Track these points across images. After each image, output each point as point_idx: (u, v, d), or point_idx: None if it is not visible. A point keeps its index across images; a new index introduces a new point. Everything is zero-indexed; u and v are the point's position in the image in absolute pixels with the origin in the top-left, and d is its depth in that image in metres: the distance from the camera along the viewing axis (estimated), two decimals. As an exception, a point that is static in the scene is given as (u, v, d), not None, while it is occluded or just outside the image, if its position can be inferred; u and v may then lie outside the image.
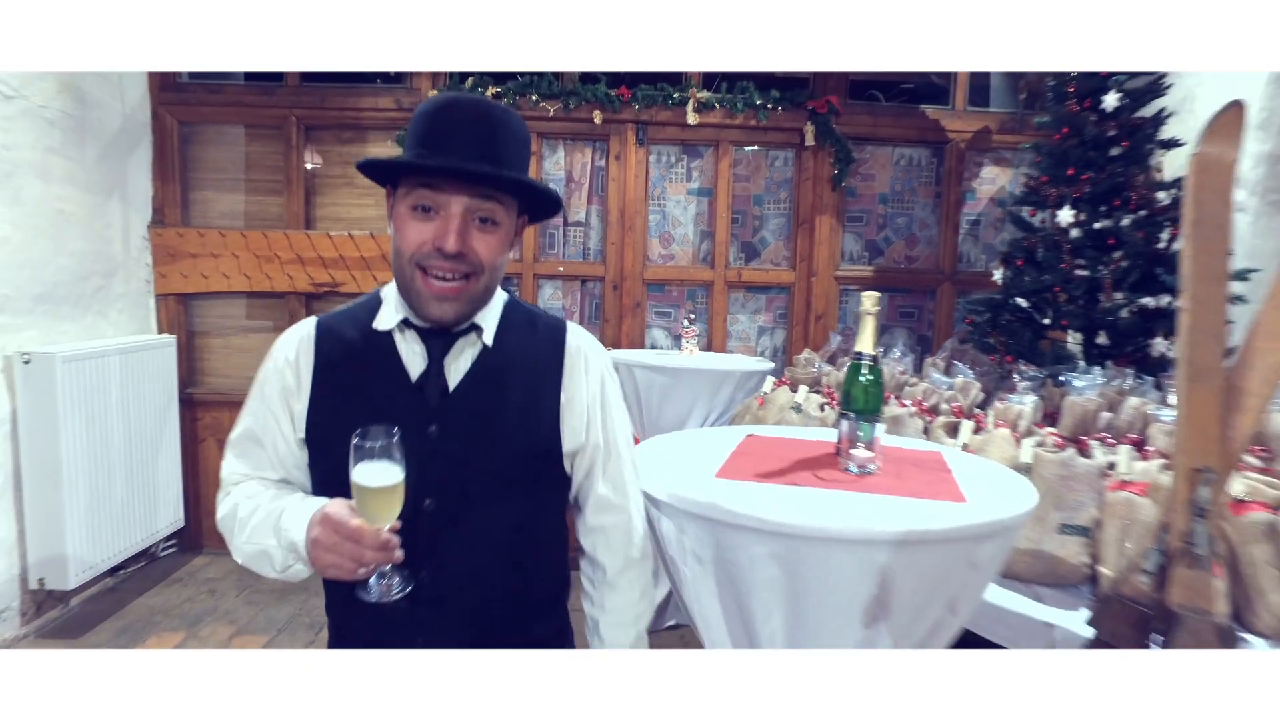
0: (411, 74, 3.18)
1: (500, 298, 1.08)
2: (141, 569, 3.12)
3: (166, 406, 3.08)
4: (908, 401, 1.99)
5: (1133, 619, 1.26)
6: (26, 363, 2.47)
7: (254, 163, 3.21)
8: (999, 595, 1.51)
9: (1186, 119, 2.76)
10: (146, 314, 3.16)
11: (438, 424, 1.00)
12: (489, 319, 1.05)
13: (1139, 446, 1.65)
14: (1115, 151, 2.23)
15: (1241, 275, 2.15)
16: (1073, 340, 2.22)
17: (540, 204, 1.06)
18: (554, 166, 3.33)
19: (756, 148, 3.34)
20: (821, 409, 2.11)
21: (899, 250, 3.42)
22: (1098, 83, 2.24)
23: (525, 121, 1.03)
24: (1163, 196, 2.28)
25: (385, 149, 3.19)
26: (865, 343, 1.29)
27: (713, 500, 1.05)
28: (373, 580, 0.91)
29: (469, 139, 0.94)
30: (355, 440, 0.86)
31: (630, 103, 3.16)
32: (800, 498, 1.10)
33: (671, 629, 2.71)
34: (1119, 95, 2.20)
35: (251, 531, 0.99)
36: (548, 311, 1.16)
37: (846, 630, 1.02)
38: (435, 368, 1.01)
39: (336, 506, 0.90)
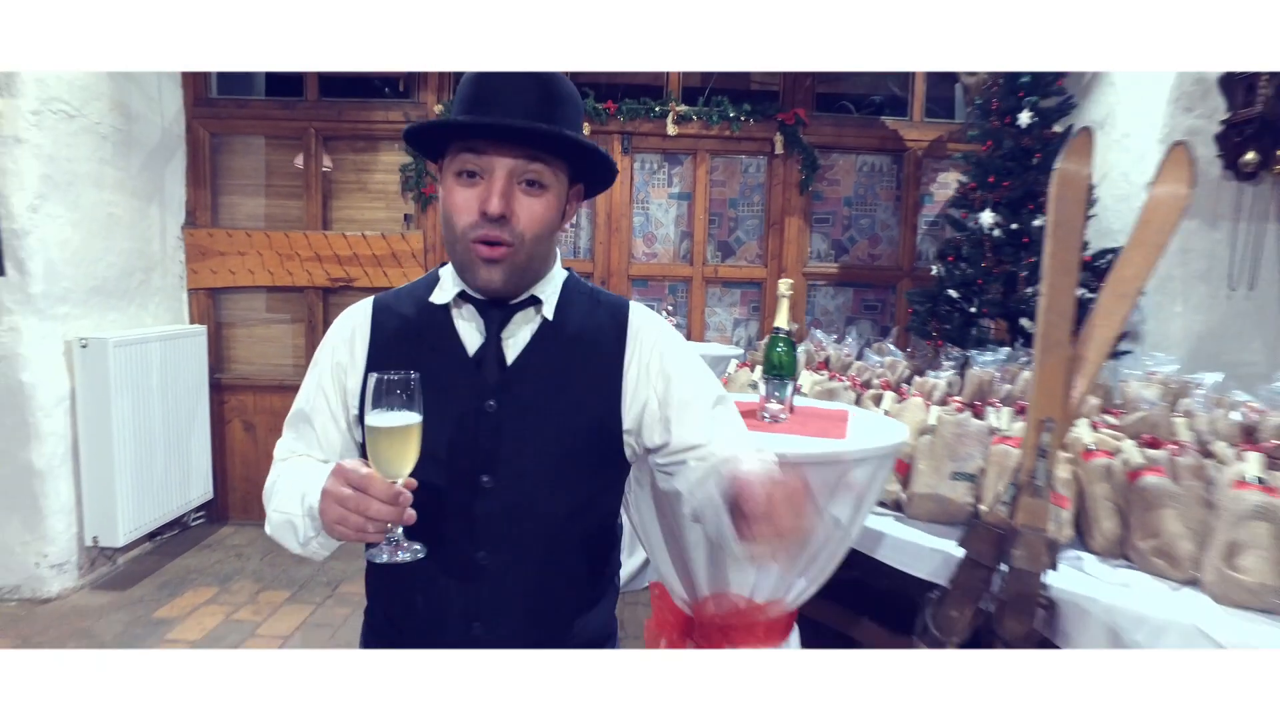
0: (418, 88, 3.52)
1: (560, 274, 1.05)
2: (175, 535, 3.47)
3: (198, 390, 3.43)
4: (844, 378, 2.33)
5: (992, 539, 1.59)
6: (84, 347, 2.82)
7: (276, 169, 3.56)
8: (903, 531, 1.84)
9: (1110, 132, 3.09)
10: (180, 306, 3.51)
11: (495, 399, 0.97)
12: (548, 292, 1.02)
13: (1022, 410, 1.98)
14: (1033, 161, 2.56)
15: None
16: (996, 327, 2.55)
17: (593, 169, 1.01)
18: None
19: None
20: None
21: (862, 249, 3.75)
22: (1014, 101, 2.57)
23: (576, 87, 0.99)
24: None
25: (395, 155, 3.53)
26: (781, 320, 1.62)
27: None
28: (382, 544, 0.85)
29: (514, 98, 0.91)
30: (372, 380, 0.82)
31: (616, 115, 3.49)
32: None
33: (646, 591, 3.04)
34: (1031, 114, 2.53)
35: (280, 500, 0.96)
36: (606, 291, 1.12)
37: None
38: (493, 341, 0.98)
39: (350, 461, 0.84)
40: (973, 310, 2.58)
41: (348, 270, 3.51)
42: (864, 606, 2.07)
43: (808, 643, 1.81)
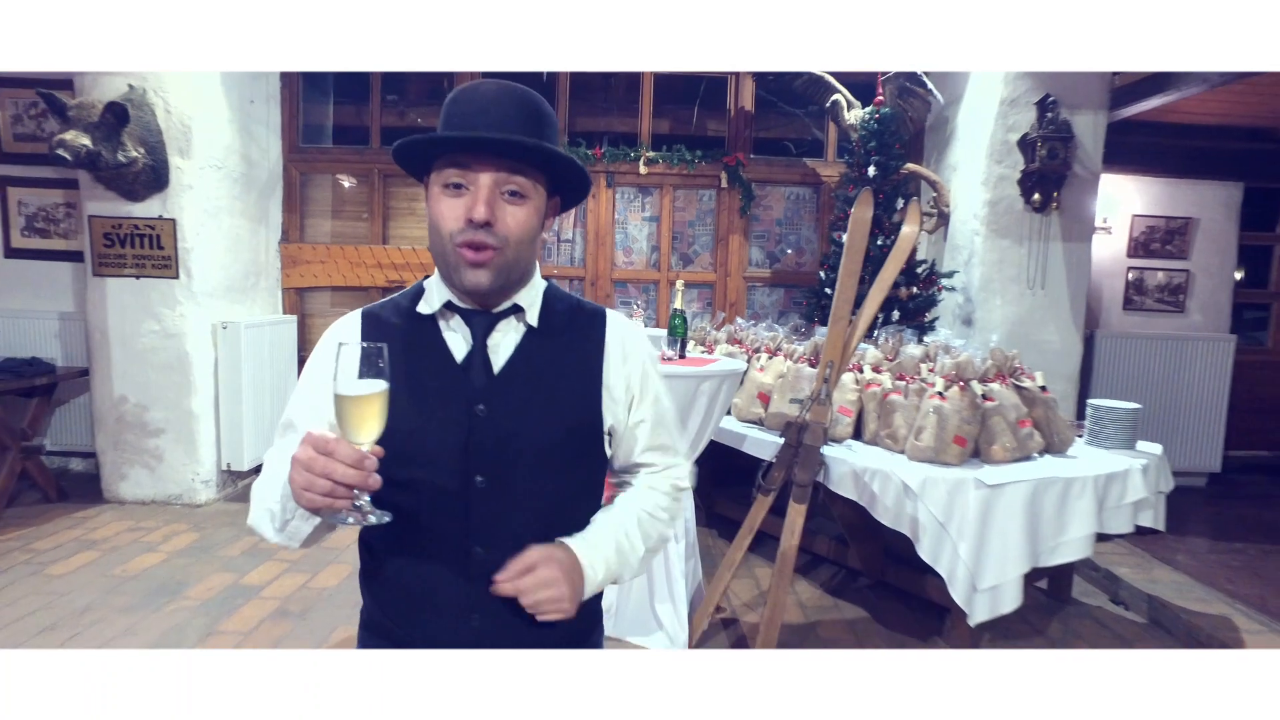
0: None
1: (541, 283, 1.11)
2: (274, 471, 4.69)
3: (290, 361, 4.64)
4: (744, 347, 3.51)
5: (795, 429, 2.75)
6: (224, 328, 4.03)
7: (349, 199, 4.77)
8: (760, 434, 3.01)
9: (958, 175, 4.26)
10: (277, 301, 4.73)
11: (485, 403, 1.02)
12: (530, 301, 1.08)
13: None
14: (879, 199, 3.73)
15: (947, 274, 3.67)
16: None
17: (569, 181, 1.07)
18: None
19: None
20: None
21: (790, 259, 4.92)
22: (866, 158, 3.76)
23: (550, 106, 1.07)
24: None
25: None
26: (678, 303, 2.81)
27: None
28: (347, 510, 0.85)
29: (496, 115, 0.97)
30: (341, 353, 0.85)
31: (601, 159, 4.67)
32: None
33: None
34: (875, 168, 3.71)
35: (261, 493, 1.00)
36: (585, 300, 1.19)
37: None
38: (479, 348, 1.04)
39: (315, 430, 0.86)
40: (841, 303, 3.76)
41: (401, 275, 4.71)
42: (730, 477, 3.25)
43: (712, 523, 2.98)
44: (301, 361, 4.77)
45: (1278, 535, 4.07)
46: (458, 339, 1.06)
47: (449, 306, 1.05)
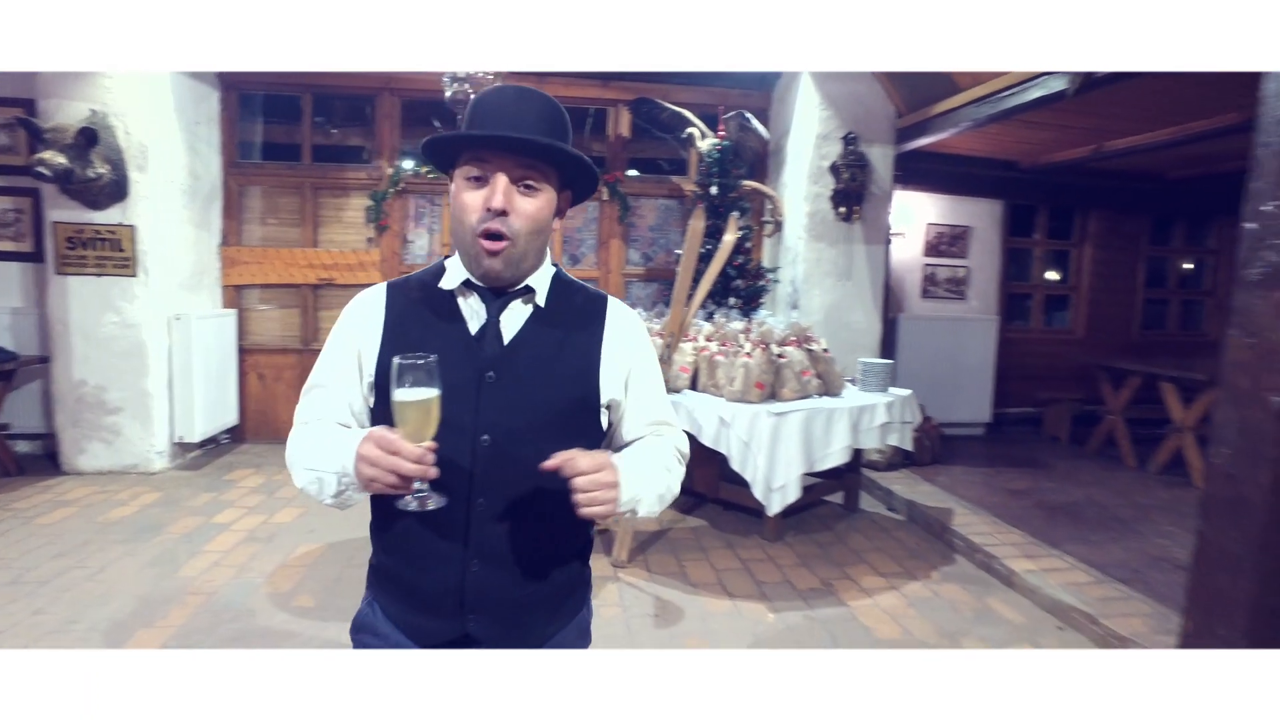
0: (377, 155, 5.51)
1: (550, 269, 1.21)
2: (213, 448, 5.36)
3: (231, 349, 5.32)
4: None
5: (650, 383, 3.77)
6: (178, 320, 4.71)
7: (282, 208, 5.49)
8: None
9: (788, 191, 5.42)
10: (217, 296, 5.39)
11: (495, 371, 1.12)
12: (540, 283, 1.17)
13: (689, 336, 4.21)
14: (720, 211, 4.82)
15: (772, 270, 4.83)
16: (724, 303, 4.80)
17: (579, 178, 1.17)
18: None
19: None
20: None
21: (661, 259, 5.97)
22: (708, 180, 4.85)
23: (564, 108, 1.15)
24: (746, 236, 4.90)
25: (362, 199, 5.51)
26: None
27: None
28: (409, 496, 0.99)
29: (515, 116, 1.08)
30: (396, 363, 0.98)
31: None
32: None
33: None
34: (715, 188, 4.81)
35: (309, 460, 1.10)
36: (591, 286, 1.28)
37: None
38: (492, 322, 1.14)
39: (381, 429, 0.99)
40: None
41: (331, 274, 5.47)
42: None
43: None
44: (241, 350, 5.46)
45: (1015, 463, 5.44)
46: (473, 313, 1.15)
47: (467, 284, 1.15)
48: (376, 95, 5.45)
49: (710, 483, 4.22)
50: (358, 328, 1.17)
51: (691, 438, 3.74)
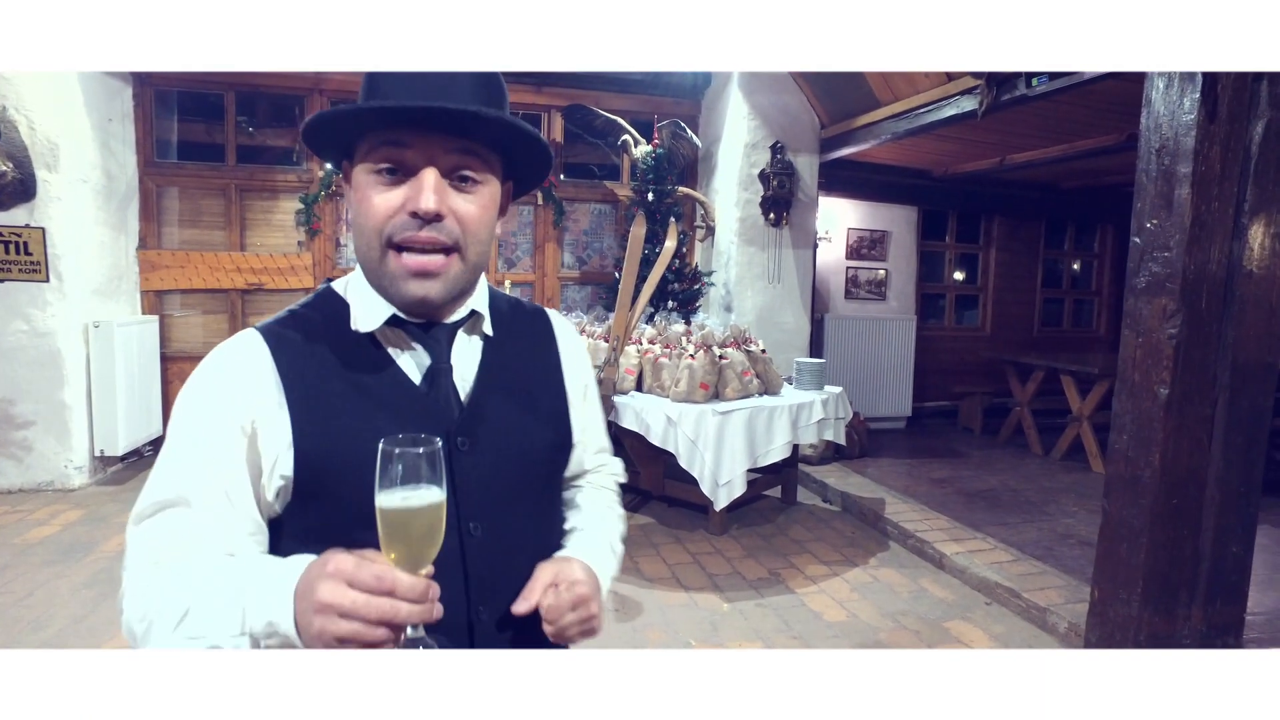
0: (307, 157, 5.38)
1: (484, 284, 0.91)
2: (135, 460, 5.12)
3: (153, 359, 5.09)
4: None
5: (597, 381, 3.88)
6: (96, 327, 4.49)
7: (205, 211, 5.29)
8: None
9: (720, 198, 5.62)
10: (136, 302, 5.15)
11: (465, 435, 0.84)
12: (483, 305, 0.89)
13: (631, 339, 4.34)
14: (658, 217, 4.97)
15: (707, 273, 5.01)
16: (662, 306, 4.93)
17: (528, 161, 0.86)
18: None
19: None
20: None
21: (595, 263, 6.07)
22: (646, 186, 4.99)
23: None
24: (684, 241, 5.07)
25: (292, 202, 5.37)
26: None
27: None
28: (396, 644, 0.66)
29: (435, 80, 0.76)
30: (383, 451, 0.66)
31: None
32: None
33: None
34: (654, 195, 4.95)
35: (189, 622, 0.70)
36: (518, 297, 1.03)
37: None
38: (442, 368, 0.85)
39: (341, 556, 0.65)
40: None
41: (260, 278, 5.31)
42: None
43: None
44: (164, 358, 5.23)
45: (936, 454, 5.82)
46: (409, 361, 0.86)
47: (394, 322, 0.84)
48: (306, 96, 5.33)
49: (656, 480, 4.36)
50: (240, 395, 0.78)
51: (640, 437, 3.86)
